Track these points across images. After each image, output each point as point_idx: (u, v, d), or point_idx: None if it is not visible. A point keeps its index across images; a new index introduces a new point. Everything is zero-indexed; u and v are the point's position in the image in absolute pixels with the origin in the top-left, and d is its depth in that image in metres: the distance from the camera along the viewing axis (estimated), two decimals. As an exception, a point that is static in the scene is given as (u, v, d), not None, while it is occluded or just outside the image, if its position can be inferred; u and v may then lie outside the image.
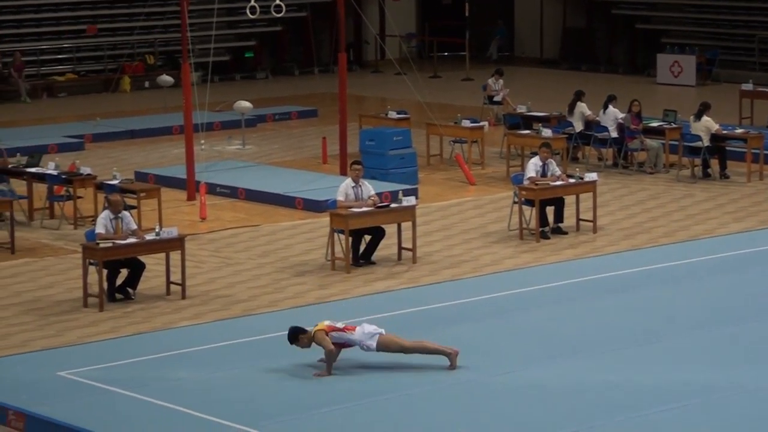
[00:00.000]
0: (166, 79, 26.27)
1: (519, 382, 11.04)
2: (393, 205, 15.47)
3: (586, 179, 16.87)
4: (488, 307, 13.34)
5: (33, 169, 17.87)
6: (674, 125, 20.56)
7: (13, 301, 13.95)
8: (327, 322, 11.35)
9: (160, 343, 12.29)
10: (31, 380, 11.20)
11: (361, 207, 15.14)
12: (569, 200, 16.88)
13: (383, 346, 11.28)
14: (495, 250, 15.90)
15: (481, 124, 21.18)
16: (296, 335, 11.33)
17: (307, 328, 11.35)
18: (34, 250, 16.09)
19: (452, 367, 11.28)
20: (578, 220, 16.86)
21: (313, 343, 11.28)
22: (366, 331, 11.30)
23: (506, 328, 12.65)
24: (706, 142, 19.68)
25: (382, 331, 11.33)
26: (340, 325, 11.35)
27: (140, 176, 19.50)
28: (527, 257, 15.58)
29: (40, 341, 12.57)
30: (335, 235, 15.15)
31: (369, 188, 15.43)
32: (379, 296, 13.93)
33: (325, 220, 15.93)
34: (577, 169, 17.81)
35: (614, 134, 20.47)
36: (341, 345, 11.29)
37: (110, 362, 11.65)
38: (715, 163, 19.99)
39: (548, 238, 16.43)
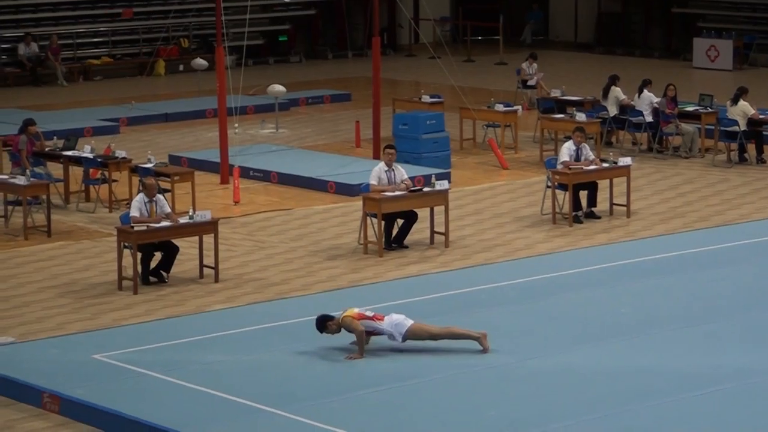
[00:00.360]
0: (201, 62, 26.32)
1: (550, 367, 11.01)
2: (426, 189, 15.45)
3: (620, 164, 16.77)
4: (520, 292, 13.30)
5: (69, 153, 17.97)
6: (710, 110, 20.39)
7: (50, 284, 14.06)
8: (356, 310, 11.36)
9: (194, 327, 12.34)
10: (66, 363, 11.28)
11: (394, 191, 15.12)
12: (603, 185, 16.78)
13: (412, 335, 11.27)
14: (527, 235, 15.85)
15: (515, 108, 21.11)
16: (324, 323, 11.35)
17: (335, 315, 11.36)
18: (70, 233, 16.19)
19: (485, 350, 11.27)
20: (612, 204, 16.77)
21: (342, 329, 11.30)
22: (394, 320, 11.30)
23: (538, 312, 12.61)
24: (742, 127, 19.51)
25: (411, 321, 11.31)
26: (369, 313, 11.36)
27: (174, 160, 19.56)
28: (560, 242, 15.52)
29: (75, 324, 12.66)
30: (368, 219, 15.14)
31: (402, 172, 15.41)
32: (411, 280, 13.92)
33: (357, 203, 15.93)
34: (611, 154, 17.72)
35: (649, 119, 20.33)
36: (370, 333, 11.30)
37: (144, 345, 11.72)
38: (751, 148, 19.82)
39: (581, 222, 16.35)
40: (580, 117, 19.77)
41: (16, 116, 21.94)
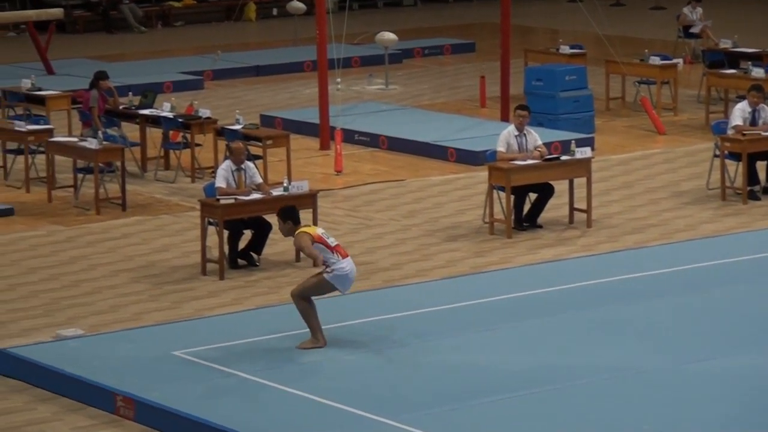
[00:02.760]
0: (298, 5, 26.47)
1: (718, 372, 10.87)
2: (564, 158, 15.37)
3: (804, 128, 16.45)
4: (680, 281, 13.16)
5: (146, 111, 18.19)
6: None
7: (124, 266, 14.28)
8: (319, 231, 11.31)
9: (289, 319, 12.40)
10: (143, 360, 11.45)
11: (525, 159, 15.06)
12: (781, 153, 16.50)
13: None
14: (689, 213, 15.66)
15: (675, 61, 20.93)
16: (287, 215, 11.30)
17: (301, 222, 11.33)
18: (147, 206, 16.45)
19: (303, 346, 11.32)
20: (793, 177, 16.48)
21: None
22: (349, 271, 11.18)
23: (703, 306, 12.46)
24: None
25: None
26: (332, 241, 11.27)
27: (266, 120, 19.76)
28: (731, 222, 15.31)
29: (153, 314, 12.85)
30: (495, 192, 15.10)
31: (535, 137, 15.35)
32: (545, 266, 13.85)
33: (482, 174, 15.90)
34: (793, 116, 17.39)
35: None
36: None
37: (232, 340, 11.83)
38: None
39: (758, 199, 16.15)
40: (758, 72, 19.46)
41: (86, 68, 22.38)
